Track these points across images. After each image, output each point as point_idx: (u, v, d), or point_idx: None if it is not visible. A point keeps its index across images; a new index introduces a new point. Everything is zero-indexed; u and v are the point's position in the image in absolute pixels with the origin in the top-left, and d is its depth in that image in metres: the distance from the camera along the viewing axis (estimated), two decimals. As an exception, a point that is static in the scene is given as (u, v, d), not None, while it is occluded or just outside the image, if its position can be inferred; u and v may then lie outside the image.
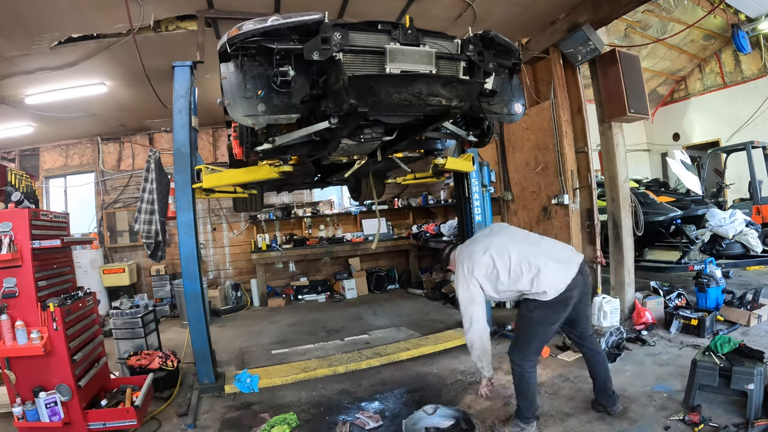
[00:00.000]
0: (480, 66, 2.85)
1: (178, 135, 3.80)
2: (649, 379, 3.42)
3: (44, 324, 2.81)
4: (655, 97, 10.40)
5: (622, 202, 5.02)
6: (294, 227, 8.65)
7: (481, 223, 5.09)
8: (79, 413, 2.92)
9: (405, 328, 5.56)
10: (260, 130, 2.91)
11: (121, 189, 8.04)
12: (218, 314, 7.12)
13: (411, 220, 9.03)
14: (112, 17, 3.98)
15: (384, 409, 3.43)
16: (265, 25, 2.43)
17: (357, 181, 6.04)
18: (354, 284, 8.02)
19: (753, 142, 6.91)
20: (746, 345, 3.02)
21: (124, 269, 7.22)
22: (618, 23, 6.54)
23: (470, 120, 3.40)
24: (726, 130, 9.26)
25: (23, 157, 7.99)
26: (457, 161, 4.72)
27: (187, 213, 3.82)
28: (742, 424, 2.64)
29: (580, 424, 2.91)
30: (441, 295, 7.12)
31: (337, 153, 3.40)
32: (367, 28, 2.56)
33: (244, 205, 5.70)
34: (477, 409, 3.26)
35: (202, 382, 3.91)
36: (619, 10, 4.54)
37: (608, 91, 5.00)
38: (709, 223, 5.63)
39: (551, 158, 5.35)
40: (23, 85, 5.25)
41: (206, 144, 8.32)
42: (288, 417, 3.24)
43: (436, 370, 4.12)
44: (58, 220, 3.29)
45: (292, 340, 5.46)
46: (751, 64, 8.79)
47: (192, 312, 3.90)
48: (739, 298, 4.56)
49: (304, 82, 2.61)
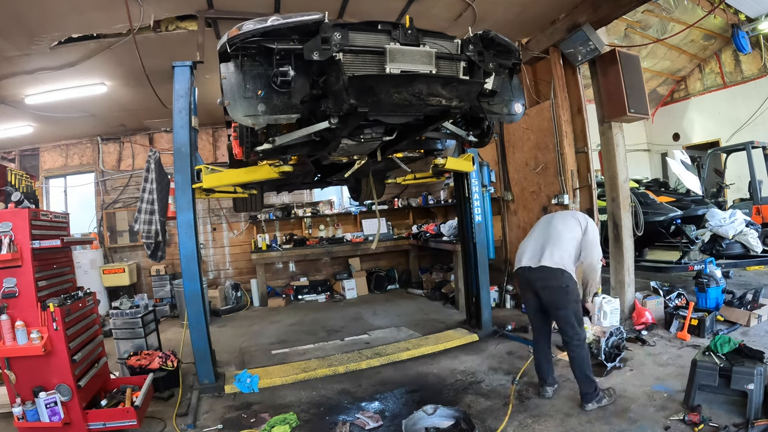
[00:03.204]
0: (480, 66, 2.85)
1: (178, 135, 3.81)
2: (649, 379, 3.42)
3: (44, 324, 2.81)
4: (655, 97, 10.40)
5: (622, 202, 5.02)
6: (294, 227, 8.65)
7: (481, 223, 5.10)
8: (79, 413, 2.91)
9: (405, 328, 5.56)
10: (260, 130, 2.91)
11: (121, 189, 8.04)
12: (218, 314, 7.12)
13: (411, 220, 9.03)
14: (112, 17, 3.98)
15: (384, 409, 3.43)
16: (265, 25, 2.43)
17: (357, 181, 6.04)
18: (354, 284, 8.02)
19: (753, 142, 6.92)
20: (746, 345, 3.02)
21: (124, 269, 7.23)
22: (618, 23, 6.54)
23: (470, 120, 3.40)
24: (726, 130, 9.27)
25: (23, 157, 8.00)
26: (457, 161, 4.72)
27: (187, 213, 3.83)
28: (742, 424, 2.64)
29: (580, 424, 2.91)
30: (441, 295, 7.12)
31: (337, 153, 3.40)
32: (367, 28, 2.56)
33: (244, 205, 5.70)
34: (477, 409, 3.26)
35: (202, 382, 3.92)
36: (619, 10, 4.54)
37: (608, 91, 4.99)
38: (709, 223, 5.63)
39: (551, 158, 5.35)
40: (23, 85, 5.25)
41: (206, 144, 8.32)
42: (288, 417, 3.24)
43: (436, 370, 4.12)
44: (58, 220, 3.29)
45: (292, 340, 5.46)
46: (751, 64, 8.79)
47: (192, 312, 3.90)
48: (739, 298, 4.56)
49: (304, 82, 2.61)
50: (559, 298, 3.11)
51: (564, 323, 3.10)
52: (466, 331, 5.00)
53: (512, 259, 6.30)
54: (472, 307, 5.22)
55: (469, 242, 5.17)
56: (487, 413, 3.18)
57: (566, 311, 3.08)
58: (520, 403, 3.30)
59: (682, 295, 4.93)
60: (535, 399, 3.32)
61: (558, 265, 3.10)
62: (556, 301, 3.12)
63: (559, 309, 3.11)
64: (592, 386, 3.05)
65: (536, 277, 3.19)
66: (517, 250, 3.47)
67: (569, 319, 3.08)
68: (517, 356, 4.27)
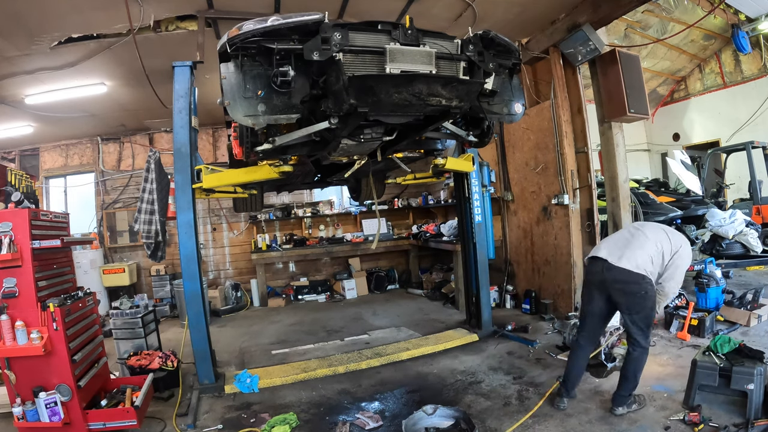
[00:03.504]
0: (480, 66, 2.85)
1: (178, 135, 3.80)
2: (649, 379, 3.41)
3: (44, 324, 2.81)
4: (655, 97, 10.40)
5: (622, 202, 5.02)
6: (294, 227, 8.65)
7: (481, 223, 5.10)
8: (79, 413, 2.91)
9: (405, 328, 5.56)
10: (260, 130, 2.91)
11: (121, 189, 8.04)
12: (218, 314, 7.12)
13: (411, 220, 9.03)
14: (112, 17, 3.98)
15: (384, 409, 3.42)
16: (265, 25, 2.43)
17: (357, 181, 6.04)
18: (354, 284, 8.02)
19: (753, 142, 6.91)
20: (746, 345, 3.02)
21: (124, 269, 7.23)
22: (618, 23, 6.54)
23: (470, 120, 3.40)
24: (726, 130, 9.26)
25: (23, 157, 7.99)
26: (457, 161, 4.72)
27: (187, 213, 3.83)
28: (742, 424, 2.64)
29: (580, 424, 2.91)
30: (441, 295, 7.12)
31: (337, 153, 3.40)
32: (367, 28, 2.56)
33: (244, 205, 5.70)
34: (477, 409, 3.26)
35: (202, 382, 3.92)
36: (619, 10, 4.54)
37: (608, 91, 5.00)
38: (709, 223, 5.63)
39: (551, 158, 5.35)
40: (23, 85, 5.25)
41: (206, 144, 8.32)
42: (288, 417, 3.25)
43: (436, 370, 4.12)
44: (58, 220, 3.29)
45: (292, 340, 5.46)
46: (751, 64, 8.79)
47: (192, 312, 3.90)
48: (739, 298, 4.56)
49: (304, 82, 2.61)
50: (637, 302, 2.93)
51: (635, 327, 2.95)
52: (466, 331, 5.00)
53: (512, 259, 6.39)
54: (472, 307, 5.22)
55: (469, 242, 5.17)
56: (487, 413, 3.18)
57: (640, 316, 2.93)
58: (520, 403, 3.31)
59: (682, 295, 4.92)
60: (536, 399, 3.32)
61: (640, 270, 2.92)
62: (634, 305, 2.93)
63: (634, 313, 2.95)
64: (630, 391, 2.97)
65: (614, 279, 2.96)
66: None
67: (641, 323, 2.93)
68: (517, 356, 4.27)
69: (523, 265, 6.15)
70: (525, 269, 6.10)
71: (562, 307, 5.27)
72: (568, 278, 5.17)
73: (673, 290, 3.00)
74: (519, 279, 6.26)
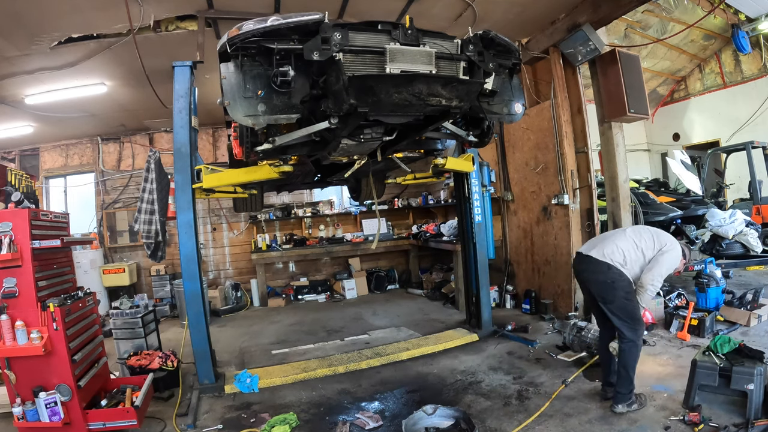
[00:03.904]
0: (480, 66, 2.85)
1: (178, 135, 3.81)
2: (649, 379, 3.42)
3: (44, 324, 2.81)
4: (655, 97, 10.40)
5: (622, 202, 5.02)
6: (294, 227, 8.65)
7: (481, 223, 5.10)
8: (79, 413, 2.91)
9: (405, 328, 5.56)
10: (260, 130, 2.91)
11: (121, 189, 8.04)
12: (218, 314, 7.12)
13: (411, 220, 9.03)
14: (112, 17, 3.98)
15: (384, 409, 3.43)
16: (265, 25, 2.43)
17: (357, 181, 6.04)
18: (354, 284, 8.02)
19: (753, 142, 6.91)
20: (746, 345, 3.02)
21: (124, 269, 7.23)
22: (618, 23, 6.54)
23: (470, 120, 3.40)
24: (726, 130, 9.26)
25: (23, 157, 7.99)
26: (457, 161, 4.72)
27: (187, 213, 3.83)
28: (742, 424, 2.64)
29: (580, 424, 2.91)
30: (441, 295, 7.12)
31: (337, 153, 3.40)
32: (367, 28, 2.56)
33: (244, 205, 5.70)
34: (477, 409, 3.26)
35: (202, 382, 3.92)
36: (619, 10, 4.54)
37: (608, 91, 5.00)
38: (709, 223, 5.63)
39: (551, 158, 5.35)
40: (23, 85, 5.25)
41: (206, 144, 8.32)
42: (288, 417, 3.24)
43: (436, 370, 4.12)
44: (58, 220, 3.29)
45: (292, 340, 5.46)
46: (751, 64, 8.78)
47: (192, 312, 3.91)
48: (739, 298, 4.56)
49: (304, 82, 2.61)
50: (606, 291, 3.01)
51: (615, 317, 2.98)
52: (466, 331, 5.00)
53: (512, 259, 6.39)
54: (472, 307, 5.22)
55: (469, 242, 5.17)
56: (487, 413, 3.18)
57: (615, 305, 2.97)
58: (520, 403, 3.31)
59: (682, 295, 4.93)
60: (536, 399, 3.32)
61: (606, 259, 3.00)
62: (604, 294, 3.03)
63: (608, 303, 3.01)
64: (629, 388, 2.97)
65: (584, 268, 3.15)
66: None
67: (620, 313, 2.97)
68: (517, 356, 4.27)
69: (523, 265, 6.15)
70: (525, 269, 6.10)
71: (562, 307, 5.27)
72: (568, 278, 5.17)
73: (649, 281, 2.96)
74: (519, 279, 6.26)
